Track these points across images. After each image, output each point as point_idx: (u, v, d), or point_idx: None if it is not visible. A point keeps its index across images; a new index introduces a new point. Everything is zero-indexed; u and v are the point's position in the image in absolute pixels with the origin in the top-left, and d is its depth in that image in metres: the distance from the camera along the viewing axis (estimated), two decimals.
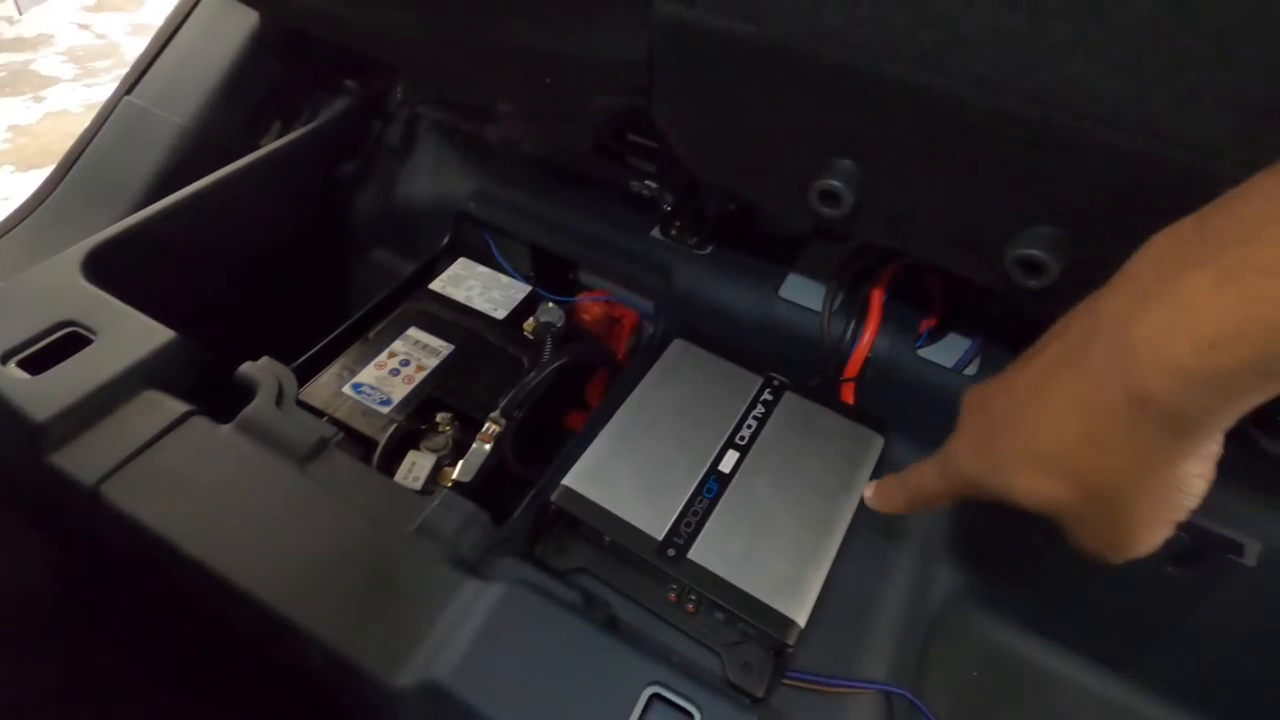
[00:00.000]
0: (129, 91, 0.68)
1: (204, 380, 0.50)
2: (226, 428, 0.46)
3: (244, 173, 0.63)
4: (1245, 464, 0.49)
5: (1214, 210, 0.23)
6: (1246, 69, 0.27)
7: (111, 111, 0.67)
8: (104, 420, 0.44)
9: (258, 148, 0.66)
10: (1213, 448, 0.25)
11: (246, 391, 0.48)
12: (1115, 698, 0.56)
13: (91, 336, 0.48)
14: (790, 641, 0.43)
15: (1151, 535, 0.28)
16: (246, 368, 0.50)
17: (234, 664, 0.50)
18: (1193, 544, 0.50)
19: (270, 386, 0.49)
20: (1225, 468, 0.50)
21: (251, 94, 0.69)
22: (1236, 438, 0.54)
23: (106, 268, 0.53)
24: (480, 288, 0.64)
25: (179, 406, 0.46)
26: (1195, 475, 0.26)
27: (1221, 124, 0.28)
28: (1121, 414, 0.25)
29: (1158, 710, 0.55)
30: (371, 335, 0.59)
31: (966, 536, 0.58)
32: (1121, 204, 0.26)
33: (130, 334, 0.48)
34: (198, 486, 0.43)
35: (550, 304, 0.62)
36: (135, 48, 2.06)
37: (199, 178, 0.61)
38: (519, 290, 0.64)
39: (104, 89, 1.91)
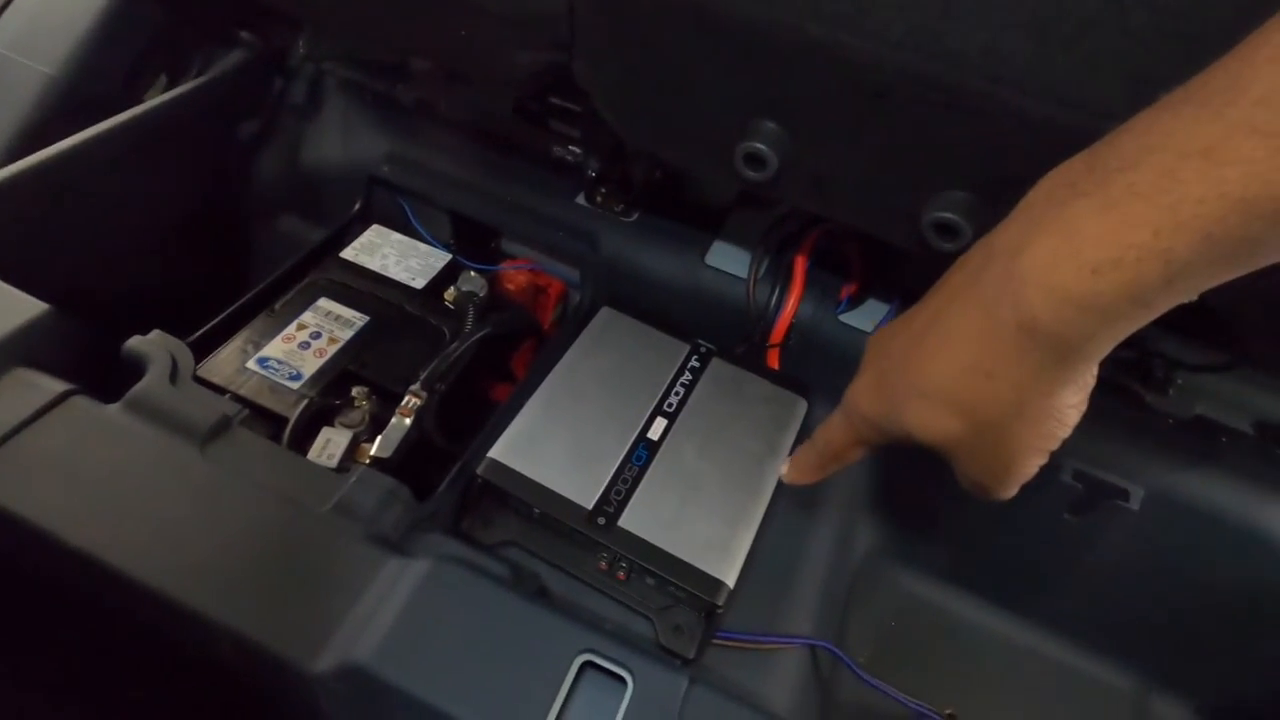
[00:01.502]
0: None
1: (86, 357, 0.45)
2: (113, 407, 0.42)
3: (125, 129, 0.57)
4: (1130, 417, 0.53)
5: (1102, 143, 0.24)
6: (1139, 36, 0.28)
7: None
8: None
9: (141, 102, 0.60)
10: (1088, 379, 0.27)
11: (135, 369, 0.44)
12: (1018, 638, 0.60)
13: None
14: (720, 603, 0.44)
15: (1028, 463, 0.29)
16: (135, 342, 0.46)
17: (135, 664, 0.46)
18: (1085, 492, 0.53)
19: (163, 362, 0.45)
20: (1113, 420, 0.54)
21: (131, 42, 0.62)
22: (1123, 394, 0.57)
23: None
24: (396, 256, 0.61)
25: (56, 385, 0.42)
26: (1070, 405, 0.27)
27: (1116, 89, 0.30)
28: (1010, 340, 0.26)
29: (1056, 647, 0.60)
30: (278, 307, 0.55)
31: (884, 496, 0.61)
32: (1029, 169, 0.27)
33: None
34: (81, 472, 0.39)
35: (472, 273, 0.60)
36: None
37: (71, 134, 0.54)
38: (438, 258, 0.62)
39: None
